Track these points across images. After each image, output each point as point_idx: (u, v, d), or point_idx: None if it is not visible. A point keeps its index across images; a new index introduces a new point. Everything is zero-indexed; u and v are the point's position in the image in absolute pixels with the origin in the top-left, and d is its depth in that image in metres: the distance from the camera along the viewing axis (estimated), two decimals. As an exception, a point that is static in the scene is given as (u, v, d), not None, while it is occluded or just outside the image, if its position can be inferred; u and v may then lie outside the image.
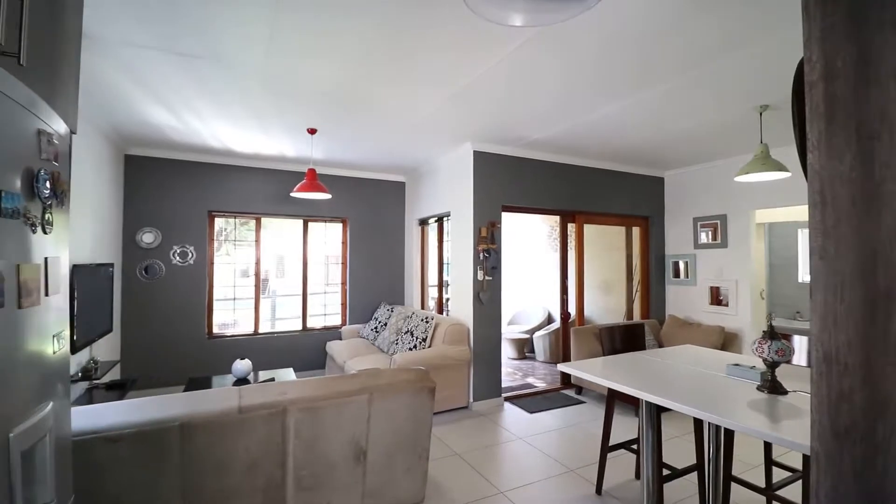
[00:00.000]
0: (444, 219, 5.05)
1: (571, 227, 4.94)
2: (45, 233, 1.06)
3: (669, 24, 2.16)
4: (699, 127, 3.63)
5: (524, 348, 6.56)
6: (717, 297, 4.86)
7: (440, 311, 5.21)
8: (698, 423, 2.55)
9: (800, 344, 2.62)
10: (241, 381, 3.84)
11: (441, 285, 5.22)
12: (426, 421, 2.44)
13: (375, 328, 5.00)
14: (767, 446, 2.55)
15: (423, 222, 5.50)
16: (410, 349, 4.12)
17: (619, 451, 2.83)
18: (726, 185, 4.75)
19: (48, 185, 1.05)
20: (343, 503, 2.21)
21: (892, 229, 0.88)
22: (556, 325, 6.31)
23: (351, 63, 2.57)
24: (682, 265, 5.23)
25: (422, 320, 4.27)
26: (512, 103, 3.16)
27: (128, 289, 4.51)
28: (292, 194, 3.90)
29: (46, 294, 1.07)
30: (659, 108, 3.23)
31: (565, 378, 4.90)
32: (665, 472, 2.39)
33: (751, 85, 2.82)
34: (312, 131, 3.84)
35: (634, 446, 2.83)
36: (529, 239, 7.25)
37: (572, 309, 4.94)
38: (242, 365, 3.84)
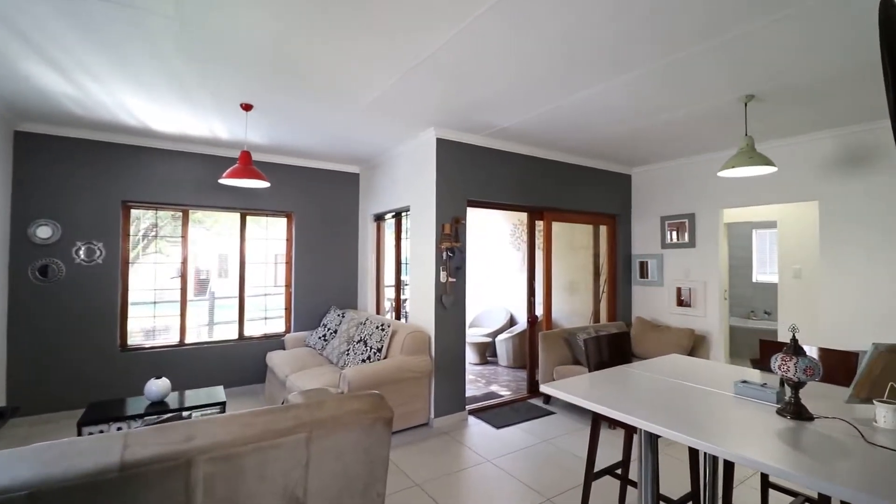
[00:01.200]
0: (403, 214, 4.58)
1: (539, 225, 4.62)
2: None
3: (674, -18, 1.84)
4: (676, 119, 3.38)
5: (486, 352, 6.21)
6: (679, 298, 4.71)
7: (398, 316, 4.74)
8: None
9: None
10: (157, 404, 3.20)
11: (398, 288, 4.75)
12: (382, 459, 1.97)
13: (324, 336, 4.45)
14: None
15: (379, 218, 5.00)
16: (363, 361, 3.62)
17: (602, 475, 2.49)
18: (694, 184, 4.61)
19: None
20: (272, 575, 1.70)
21: None
22: (519, 327, 6.01)
23: (289, 15, 2.05)
24: (648, 265, 5.06)
25: (377, 328, 3.78)
26: (481, 81, 2.75)
27: (16, 293, 3.70)
28: (221, 181, 3.29)
29: None
30: (635, 95, 2.93)
31: (532, 386, 4.57)
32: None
33: (737, 71, 2.56)
34: (247, 107, 3.25)
35: (619, 471, 2.51)
36: (491, 237, 6.91)
37: (539, 311, 4.63)
38: (158, 385, 3.20)
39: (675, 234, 4.79)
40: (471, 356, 6.08)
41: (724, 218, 4.52)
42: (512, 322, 6.47)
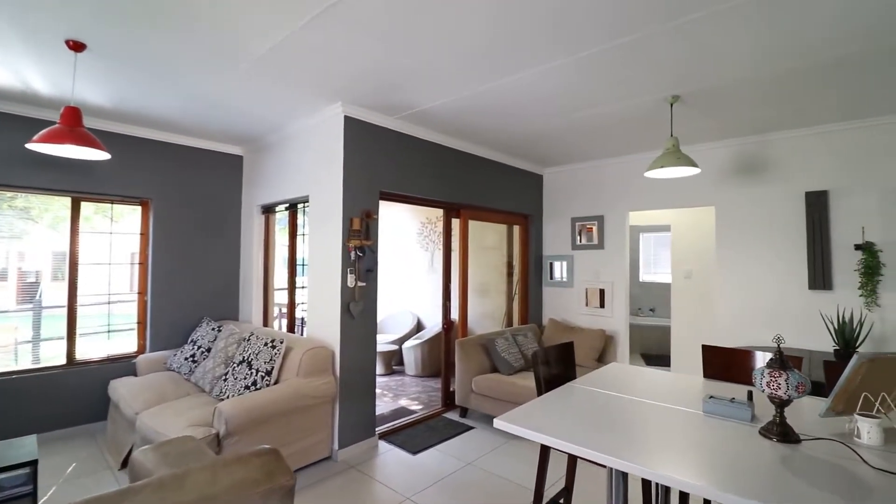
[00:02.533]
0: (300, 206, 3.87)
1: (455, 223, 4.26)
2: None
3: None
4: (601, 115, 3.26)
5: (392, 361, 5.70)
6: (588, 299, 4.74)
7: (291, 328, 3.99)
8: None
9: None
10: (-90, 477, 2.12)
11: (292, 294, 4.01)
12: (279, 546, 1.38)
13: (193, 356, 3.54)
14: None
15: (269, 210, 4.20)
16: (247, 388, 2.87)
17: None
18: (604, 186, 4.66)
19: None
20: None
21: None
22: (428, 332, 5.62)
23: None
24: (558, 266, 5.03)
25: (265, 344, 3.05)
26: (402, 45, 2.26)
27: None
28: (32, 145, 2.29)
29: None
30: (566, 86, 2.72)
31: (447, 398, 4.19)
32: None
33: (672, 65, 2.45)
34: (77, 46, 2.33)
35: (562, 500, 2.21)
36: (397, 236, 6.42)
37: (454, 315, 4.26)
38: (-88, 448, 2.12)
39: (585, 235, 4.81)
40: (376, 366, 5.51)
41: (629, 220, 4.63)
42: (419, 327, 6.05)
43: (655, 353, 6.46)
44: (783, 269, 3.59)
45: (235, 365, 3.08)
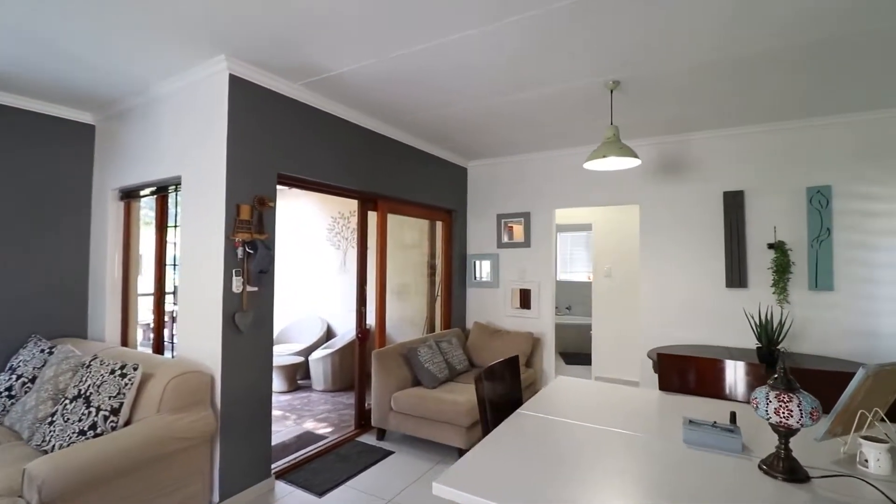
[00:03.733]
0: (171, 189, 3.06)
1: (372, 217, 3.72)
2: None
3: None
4: (535, 99, 2.96)
5: (296, 375, 4.97)
6: (514, 300, 4.49)
7: (160, 348, 3.15)
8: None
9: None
10: None
11: (161, 303, 3.16)
12: None
13: (9, 390, 2.59)
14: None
15: (130, 195, 3.29)
16: (82, 433, 2.08)
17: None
18: (530, 182, 4.44)
19: None
20: None
21: None
22: (340, 340, 5.00)
23: None
24: (483, 266, 4.72)
25: (111, 372, 2.26)
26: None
27: None
28: None
29: None
30: (496, 57, 2.36)
31: (360, 416, 3.64)
32: None
33: (618, 40, 2.20)
34: None
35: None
36: (303, 230, 5.68)
37: (370, 321, 3.73)
38: None
39: (508, 233, 4.55)
40: (276, 383, 4.75)
41: (556, 218, 4.46)
42: (329, 335, 5.38)
43: (573, 352, 6.49)
44: (703, 268, 3.61)
45: (67, 401, 2.24)
